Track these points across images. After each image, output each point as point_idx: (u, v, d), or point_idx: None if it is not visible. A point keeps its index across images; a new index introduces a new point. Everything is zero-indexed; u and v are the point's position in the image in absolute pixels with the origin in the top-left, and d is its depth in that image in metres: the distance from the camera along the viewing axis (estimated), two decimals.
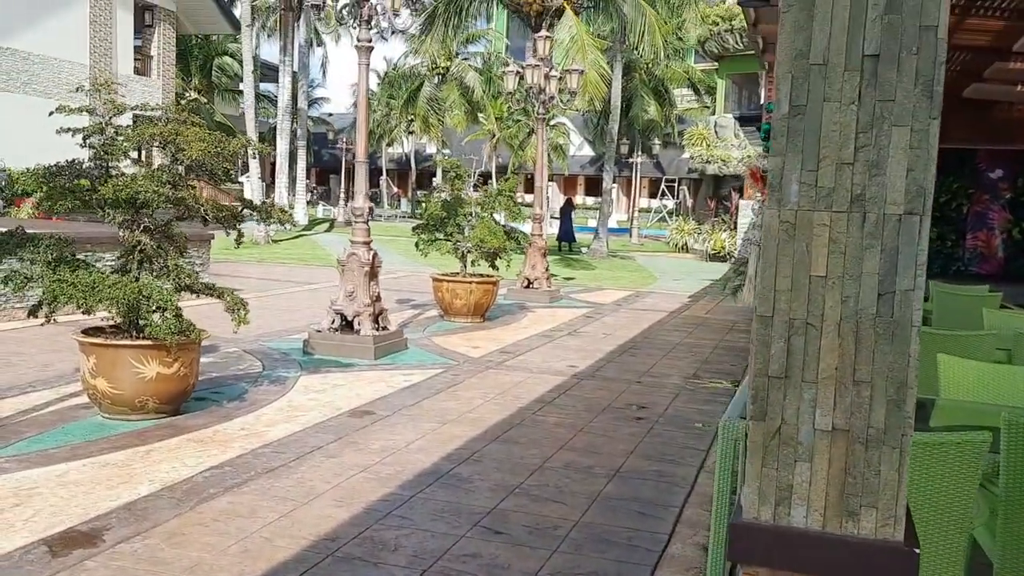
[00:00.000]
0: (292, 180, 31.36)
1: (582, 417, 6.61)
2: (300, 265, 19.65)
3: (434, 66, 39.83)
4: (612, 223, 30.13)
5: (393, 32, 35.95)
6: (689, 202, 42.22)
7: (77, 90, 6.30)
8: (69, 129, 5.67)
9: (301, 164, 33.22)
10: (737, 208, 24.98)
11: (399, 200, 53.61)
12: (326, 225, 34.29)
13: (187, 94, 32.16)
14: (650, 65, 32.95)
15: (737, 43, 28.45)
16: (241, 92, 39.29)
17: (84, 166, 5.59)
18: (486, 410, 6.69)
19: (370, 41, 8.48)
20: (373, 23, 8.36)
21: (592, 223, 35.53)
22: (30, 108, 21.87)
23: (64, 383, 6.83)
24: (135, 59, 26.18)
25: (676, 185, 45.91)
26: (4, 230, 5.88)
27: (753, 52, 18.62)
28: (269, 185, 32.53)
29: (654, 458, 5.63)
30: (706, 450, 5.86)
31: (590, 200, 50.60)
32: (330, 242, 26.53)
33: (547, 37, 14.71)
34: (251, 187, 25.66)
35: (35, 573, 3.55)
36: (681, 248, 29.10)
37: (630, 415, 6.77)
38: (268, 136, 36.10)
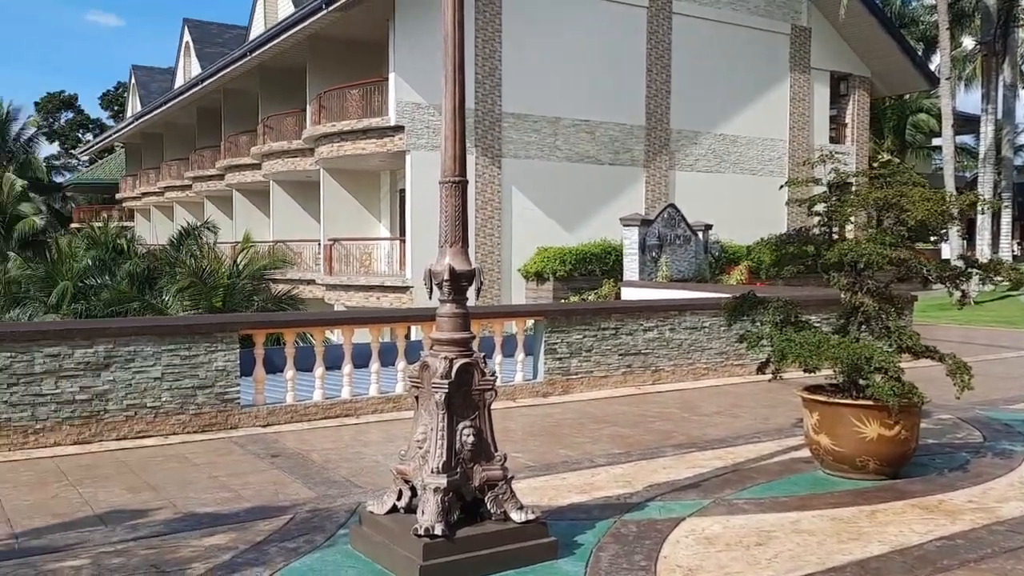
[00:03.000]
0: (994, 235, 28.75)
1: None
2: (1006, 327, 17.82)
3: None
4: None
5: None
6: None
7: (804, 163, 6.81)
8: (798, 200, 6.16)
9: (1005, 218, 30.28)
10: None
11: None
12: None
13: (879, 156, 32.07)
14: None
15: None
16: (933, 148, 37.69)
17: (811, 232, 5.99)
18: None
19: None
20: None
21: None
22: (736, 185, 24.43)
23: (784, 436, 7.31)
24: (830, 128, 27.28)
25: None
26: (737, 295, 6.63)
27: None
28: (967, 241, 30.31)
29: None
30: None
31: None
32: None
33: None
34: (950, 245, 24.29)
35: None
36: None
37: None
38: (964, 190, 33.78)
